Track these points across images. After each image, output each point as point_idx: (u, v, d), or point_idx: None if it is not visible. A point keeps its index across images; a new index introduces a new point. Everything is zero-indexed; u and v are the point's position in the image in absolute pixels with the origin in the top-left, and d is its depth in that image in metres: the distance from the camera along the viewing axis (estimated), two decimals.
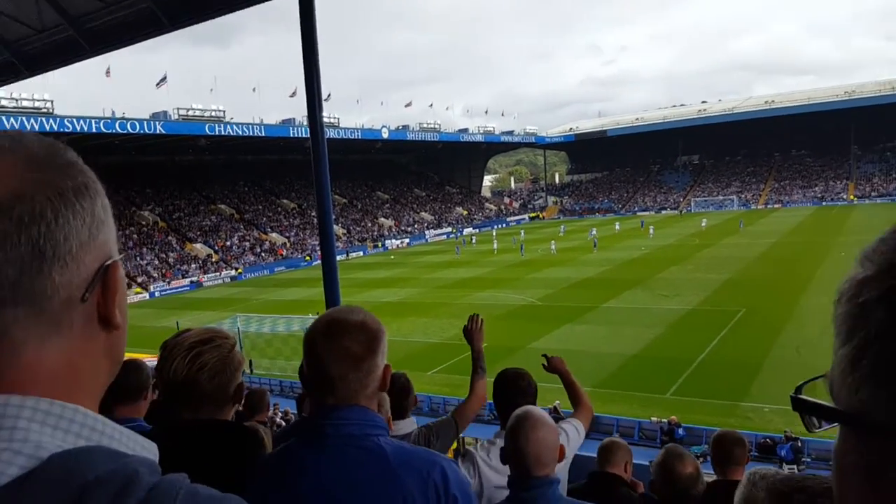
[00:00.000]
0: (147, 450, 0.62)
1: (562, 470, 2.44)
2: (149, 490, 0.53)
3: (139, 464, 0.55)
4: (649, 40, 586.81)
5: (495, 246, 55.71)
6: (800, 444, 14.06)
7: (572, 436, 2.68)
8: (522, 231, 68.01)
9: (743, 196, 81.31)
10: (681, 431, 15.03)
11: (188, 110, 57.44)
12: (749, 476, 1.87)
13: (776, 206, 77.12)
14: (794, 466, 13.57)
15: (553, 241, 53.07)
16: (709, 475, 3.38)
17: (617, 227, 64.24)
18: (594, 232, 56.72)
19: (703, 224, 58.58)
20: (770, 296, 27.77)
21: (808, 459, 14.04)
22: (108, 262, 0.62)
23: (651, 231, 56.79)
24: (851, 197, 74.15)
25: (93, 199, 0.61)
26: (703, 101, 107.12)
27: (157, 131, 50.97)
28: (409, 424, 3.04)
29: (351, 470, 1.41)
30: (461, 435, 2.85)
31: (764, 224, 57.83)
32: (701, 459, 13.37)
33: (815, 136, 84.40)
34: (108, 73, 52.66)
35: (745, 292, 28.91)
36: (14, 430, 0.53)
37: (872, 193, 73.56)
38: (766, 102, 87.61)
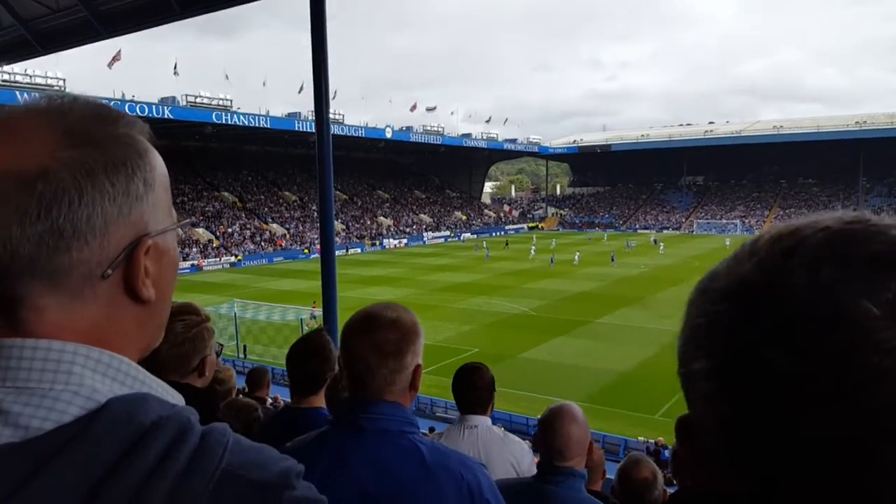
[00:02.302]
0: (178, 400, 0.65)
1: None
2: (201, 437, 0.57)
3: (188, 411, 0.59)
4: (651, 58, 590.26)
5: (533, 252, 54.85)
6: None
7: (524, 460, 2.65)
8: (554, 240, 66.49)
9: (746, 221, 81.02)
10: (667, 453, 14.95)
11: (196, 97, 57.57)
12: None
13: None
14: None
15: (577, 252, 52.75)
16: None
17: (633, 243, 62.70)
18: (632, 244, 59.70)
19: (661, 249, 57.44)
20: None
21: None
22: (139, 239, 0.62)
23: (661, 248, 57.54)
24: None
25: (130, 175, 0.61)
26: (711, 122, 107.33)
27: (166, 115, 51.03)
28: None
29: (388, 466, 1.42)
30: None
31: None
32: None
33: (824, 165, 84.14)
34: (118, 56, 52.64)
35: None
36: (70, 374, 0.56)
37: None
38: (774, 127, 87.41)
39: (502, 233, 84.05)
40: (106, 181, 0.59)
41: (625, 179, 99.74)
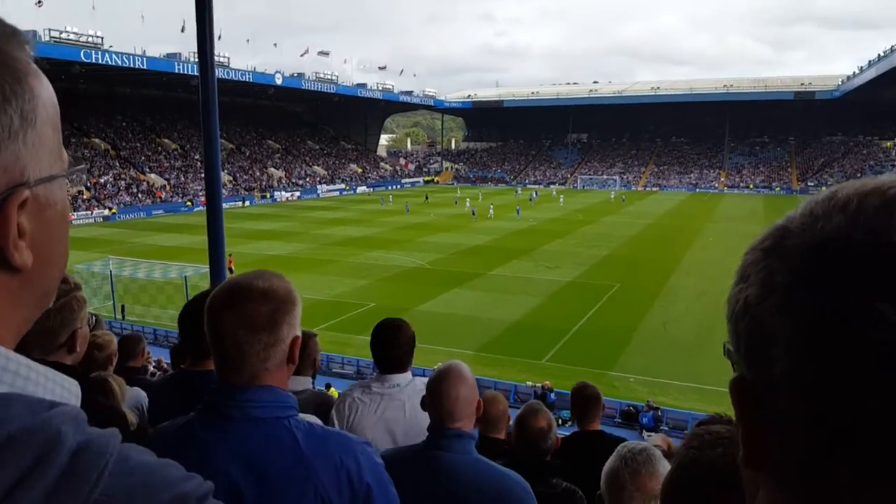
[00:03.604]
0: (69, 391, 0.53)
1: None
2: (72, 455, 0.44)
3: (62, 418, 0.46)
4: (540, 15, 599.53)
5: (469, 205, 55.49)
6: (660, 413, 15.21)
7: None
8: (480, 193, 68.88)
9: (625, 177, 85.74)
10: (552, 396, 15.81)
11: (61, 33, 52.32)
12: (619, 449, 1.99)
13: (654, 188, 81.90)
14: (653, 433, 14.72)
15: (491, 205, 54.58)
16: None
17: (535, 195, 67.14)
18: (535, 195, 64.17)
19: (561, 200, 63.00)
20: (643, 273, 29.58)
21: (666, 428, 15.20)
22: (12, 189, 0.49)
23: (561, 199, 62.51)
24: (722, 186, 79.95)
25: (1, 104, 0.49)
26: (595, 82, 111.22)
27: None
28: (303, 383, 2.96)
29: (258, 458, 1.30)
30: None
31: (642, 205, 61.35)
32: (570, 423, 13.96)
33: (695, 125, 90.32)
34: None
35: (620, 268, 30.61)
36: None
37: (741, 184, 79.71)
38: (652, 88, 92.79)
39: (398, 186, 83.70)
40: None
41: (516, 135, 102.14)
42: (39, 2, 53.23)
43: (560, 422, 15.27)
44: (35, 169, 0.51)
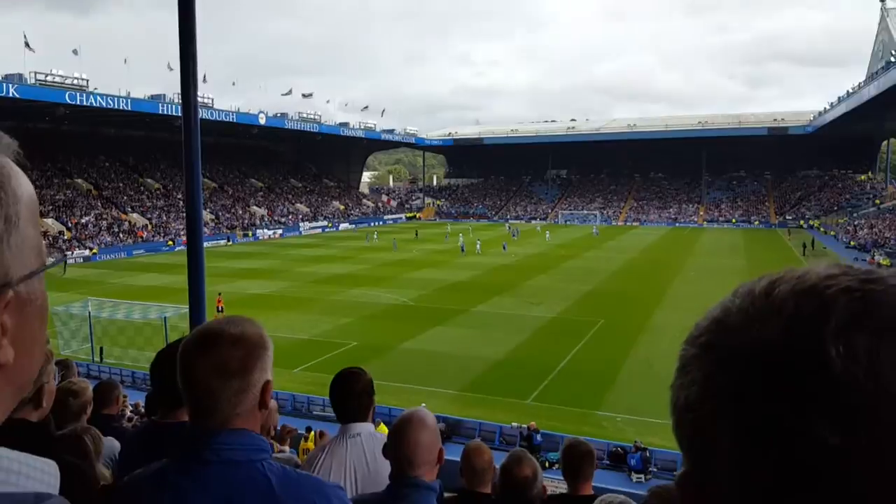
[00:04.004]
0: (49, 474, 0.54)
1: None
2: None
3: None
4: (516, 58, 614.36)
5: (461, 241, 55.04)
6: (648, 454, 15.00)
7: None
8: (470, 228, 69.13)
9: (605, 212, 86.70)
10: (539, 438, 15.59)
11: (47, 76, 52.40)
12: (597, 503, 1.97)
13: (634, 223, 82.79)
14: (643, 475, 14.55)
15: (505, 242, 54.88)
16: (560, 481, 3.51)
17: (515, 232, 66.64)
18: (515, 232, 64.50)
19: (547, 237, 62.69)
20: (627, 308, 29.67)
21: (655, 469, 15.02)
22: None
23: (547, 235, 62.83)
24: (701, 220, 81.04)
25: None
26: (573, 119, 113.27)
27: (11, 94, 46.09)
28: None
29: (233, 499, 1.30)
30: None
31: (623, 240, 61.90)
32: (556, 466, 13.78)
33: (672, 161, 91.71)
34: None
35: (604, 304, 30.69)
36: None
37: (720, 218, 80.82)
38: (628, 126, 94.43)
39: (381, 223, 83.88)
40: None
41: (497, 172, 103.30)
42: (28, 46, 53.36)
43: (546, 465, 15.06)
44: (18, 267, 0.51)
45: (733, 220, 78.80)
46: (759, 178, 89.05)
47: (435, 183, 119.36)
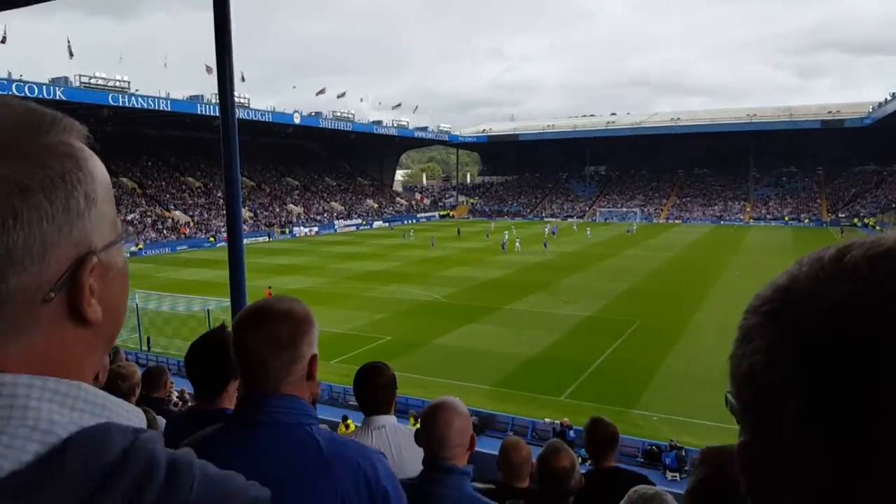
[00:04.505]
0: (139, 418, 0.62)
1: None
2: (167, 471, 0.54)
3: (150, 441, 0.56)
4: (548, 51, 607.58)
5: (506, 238, 54.65)
6: (683, 453, 14.81)
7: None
8: (513, 226, 67.89)
9: (646, 209, 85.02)
10: (572, 434, 15.51)
11: (91, 78, 54.09)
12: (630, 494, 1.97)
13: (676, 221, 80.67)
14: (677, 474, 14.37)
15: (546, 241, 54.41)
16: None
17: (554, 230, 64.93)
18: (553, 230, 62.30)
19: (588, 233, 61.84)
20: (665, 309, 29.17)
21: (690, 468, 14.82)
22: (83, 257, 0.58)
23: (588, 232, 61.84)
24: (748, 218, 78.14)
25: (70, 190, 0.57)
26: (613, 114, 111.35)
27: (58, 97, 47.57)
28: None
29: (284, 459, 1.40)
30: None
31: (664, 238, 60.76)
32: (589, 462, 13.73)
33: (717, 156, 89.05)
34: (3, 39, 48.89)
35: (642, 303, 30.25)
36: (27, 408, 0.53)
37: (767, 216, 77.70)
38: (671, 120, 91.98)
39: (414, 221, 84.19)
40: (43, 199, 0.55)
41: (532, 169, 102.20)
42: (71, 52, 55.13)
43: (581, 460, 14.98)
44: (99, 239, 0.60)
45: (785, 218, 75.17)
46: (810, 174, 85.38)
47: (469, 181, 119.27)
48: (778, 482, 0.44)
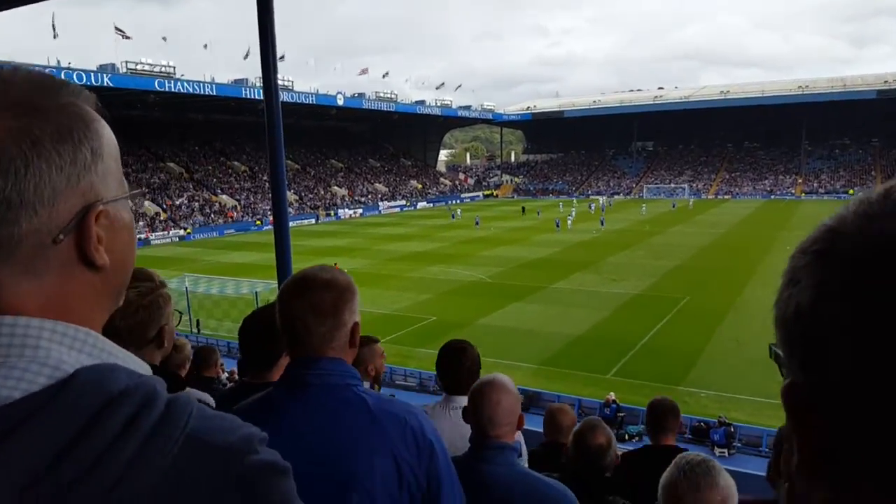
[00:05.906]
0: (146, 369, 0.66)
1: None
2: (166, 404, 0.59)
3: (153, 380, 0.62)
4: (591, 25, 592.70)
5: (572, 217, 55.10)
6: (732, 429, 14.65)
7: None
8: (574, 203, 68.19)
9: (694, 185, 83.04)
10: (607, 411, 15.45)
11: (137, 64, 55.43)
12: (676, 461, 1.93)
13: (726, 196, 78.76)
14: (725, 450, 14.16)
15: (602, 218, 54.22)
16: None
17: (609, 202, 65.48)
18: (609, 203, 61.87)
19: (643, 210, 60.62)
20: (714, 286, 28.58)
21: (739, 444, 14.62)
22: (90, 206, 0.63)
23: (643, 209, 60.84)
24: (799, 192, 75.82)
25: (77, 144, 0.62)
26: (660, 88, 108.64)
27: (105, 84, 48.94)
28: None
29: (335, 416, 1.48)
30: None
31: (714, 214, 59.35)
32: (637, 438, 13.58)
33: (768, 130, 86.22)
34: (53, 27, 50.53)
35: (690, 281, 29.69)
36: (37, 348, 0.58)
37: (820, 189, 75.25)
38: (720, 92, 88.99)
39: (458, 201, 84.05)
40: (52, 151, 0.60)
41: (577, 146, 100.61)
42: (125, 35, 56.58)
43: (626, 437, 14.89)
44: (105, 192, 0.65)
45: (849, 192, 70.63)
46: (865, 146, 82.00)
47: (513, 159, 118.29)
48: (827, 420, 0.43)
